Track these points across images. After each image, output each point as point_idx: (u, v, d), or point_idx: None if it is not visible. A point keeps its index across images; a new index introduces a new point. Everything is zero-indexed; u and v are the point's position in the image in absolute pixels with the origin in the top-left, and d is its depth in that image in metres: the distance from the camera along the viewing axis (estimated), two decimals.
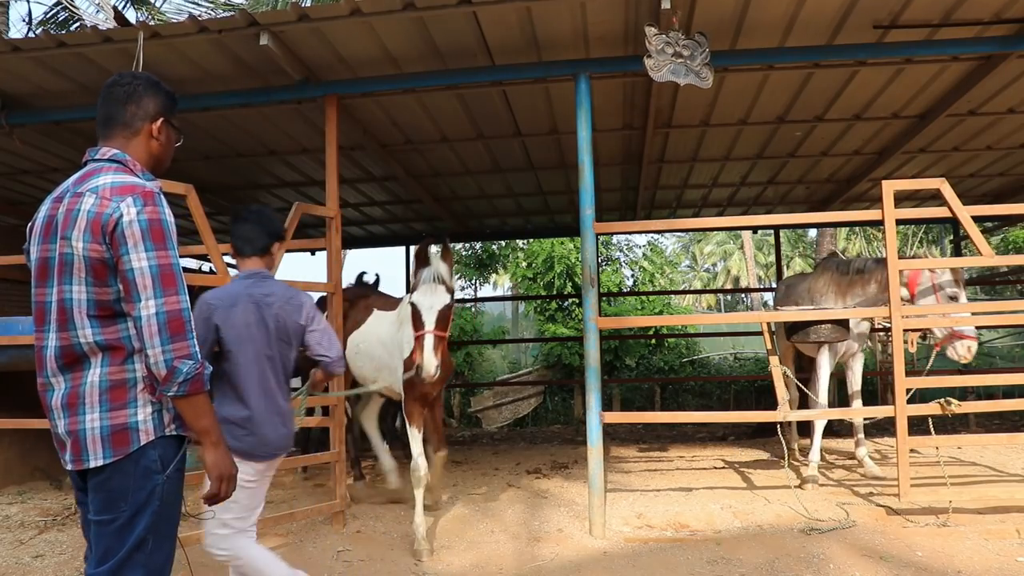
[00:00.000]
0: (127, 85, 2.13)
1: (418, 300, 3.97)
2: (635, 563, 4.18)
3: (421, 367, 3.82)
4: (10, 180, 7.98)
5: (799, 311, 6.12)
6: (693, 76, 4.72)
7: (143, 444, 1.92)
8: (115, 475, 1.91)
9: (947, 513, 4.70)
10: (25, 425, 6.09)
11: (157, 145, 2.18)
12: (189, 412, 1.93)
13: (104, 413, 1.91)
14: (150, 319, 1.85)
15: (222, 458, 2.00)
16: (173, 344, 1.86)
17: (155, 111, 2.15)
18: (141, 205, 1.91)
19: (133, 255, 1.87)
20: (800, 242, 32.26)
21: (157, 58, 4.94)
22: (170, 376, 1.86)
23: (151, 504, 1.91)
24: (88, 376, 1.93)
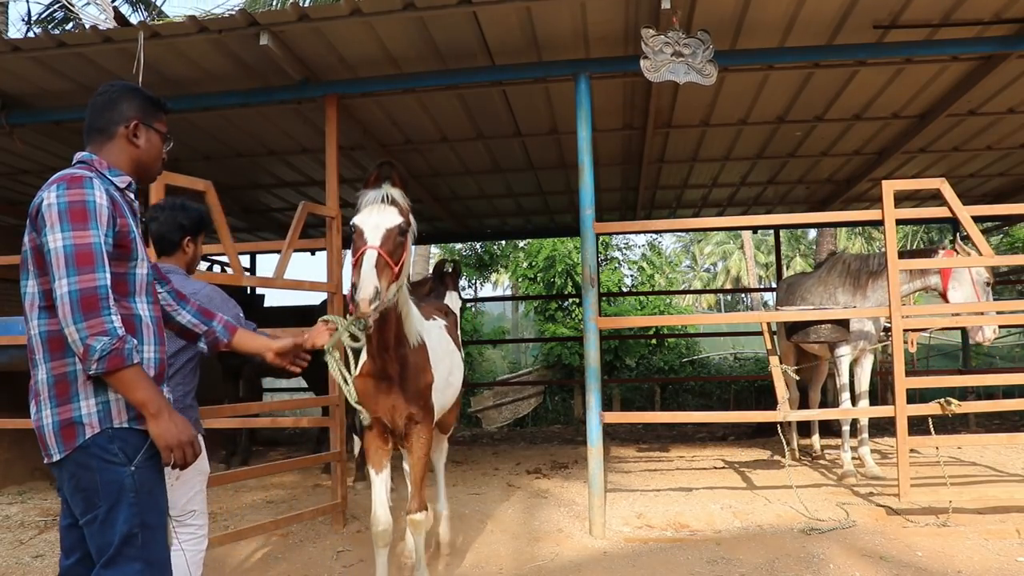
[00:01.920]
0: (104, 94, 2.16)
1: (359, 219, 3.06)
2: (635, 563, 4.18)
3: (356, 287, 2.79)
4: (10, 180, 7.98)
5: (799, 311, 6.12)
6: (695, 74, 4.72)
7: (89, 436, 1.90)
8: (80, 472, 1.91)
9: (947, 513, 4.70)
10: (25, 425, 6.09)
11: (136, 149, 2.17)
12: (119, 388, 1.89)
13: (54, 408, 1.93)
14: (63, 298, 1.82)
15: (166, 426, 1.92)
16: (87, 321, 1.81)
17: (130, 115, 2.15)
18: (64, 188, 1.89)
19: (50, 236, 1.86)
20: (800, 242, 32.28)
21: (157, 58, 4.95)
22: (86, 354, 1.82)
23: (125, 496, 1.90)
24: (40, 372, 1.98)
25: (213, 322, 2.50)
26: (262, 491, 6.46)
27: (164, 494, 2.04)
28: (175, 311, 2.43)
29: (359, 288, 2.76)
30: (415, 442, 3.49)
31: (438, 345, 3.73)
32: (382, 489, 3.49)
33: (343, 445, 5.05)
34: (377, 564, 3.49)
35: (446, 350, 3.91)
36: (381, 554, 3.49)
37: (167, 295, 2.42)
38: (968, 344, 11.45)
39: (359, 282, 2.78)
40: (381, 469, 3.49)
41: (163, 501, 2.03)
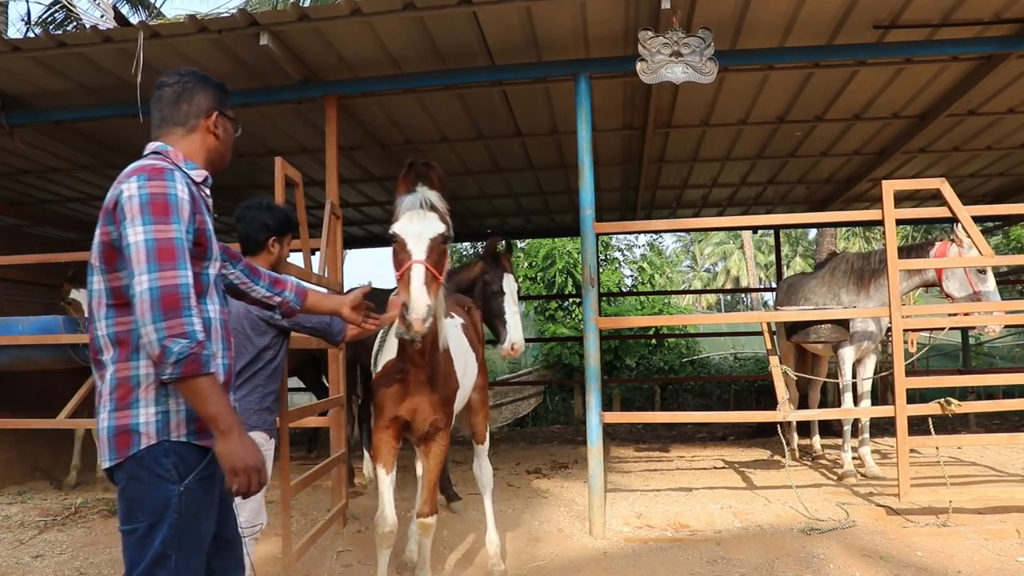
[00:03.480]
0: (175, 84, 2.05)
1: (400, 228, 2.88)
2: (635, 563, 4.18)
3: (408, 306, 2.68)
4: (10, 180, 7.97)
5: (799, 311, 6.12)
6: (694, 72, 4.72)
7: (144, 447, 1.80)
8: (129, 483, 1.83)
9: (947, 513, 4.70)
10: (25, 425, 6.11)
11: (215, 140, 2.08)
12: (190, 397, 1.76)
13: (112, 413, 1.82)
14: (142, 295, 1.71)
15: (234, 448, 1.77)
16: (166, 321, 1.69)
17: (208, 106, 2.06)
18: (145, 180, 1.81)
19: (130, 230, 1.75)
20: (800, 242, 32.29)
21: (157, 58, 4.94)
22: (161, 356, 1.69)
23: (167, 516, 1.80)
24: (106, 373, 1.85)
25: (285, 291, 2.49)
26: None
27: (210, 520, 1.93)
28: (250, 287, 2.41)
29: (412, 308, 2.69)
30: (434, 447, 3.43)
31: (456, 346, 3.67)
32: (390, 490, 3.44)
33: (346, 446, 5.04)
34: (379, 564, 3.47)
35: (461, 350, 3.85)
36: (384, 555, 3.45)
37: (240, 272, 2.38)
38: (968, 344, 11.46)
39: (411, 302, 2.70)
40: (391, 469, 3.42)
41: (206, 528, 1.92)
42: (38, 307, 7.36)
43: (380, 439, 3.39)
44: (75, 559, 4.52)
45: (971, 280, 5.53)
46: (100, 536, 4.98)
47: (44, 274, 7.33)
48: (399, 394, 3.28)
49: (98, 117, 5.94)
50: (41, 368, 6.39)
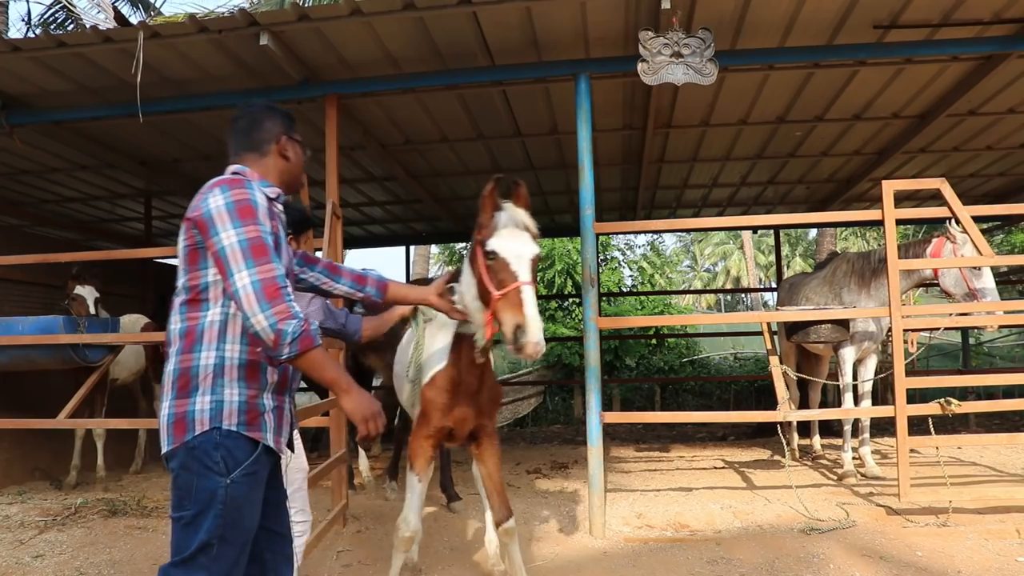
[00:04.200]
0: (245, 117, 2.29)
1: (501, 246, 2.79)
2: (635, 563, 4.18)
3: (524, 329, 2.58)
4: (10, 180, 7.98)
5: (799, 311, 6.12)
6: (694, 73, 4.72)
7: (199, 433, 1.91)
8: (181, 472, 1.94)
9: (947, 513, 4.70)
10: (25, 425, 6.11)
11: (285, 162, 2.28)
12: (309, 368, 1.94)
13: (172, 401, 1.96)
14: (246, 289, 1.88)
15: (358, 400, 2.01)
16: (273, 308, 1.87)
17: (277, 131, 2.27)
18: (228, 189, 2.00)
19: (223, 234, 1.93)
20: (800, 242, 32.28)
21: (157, 58, 4.95)
22: (279, 339, 1.87)
23: (213, 507, 1.89)
24: (169, 365, 2.00)
25: (367, 287, 2.68)
26: None
27: (254, 514, 2.02)
28: (331, 286, 2.61)
29: (529, 331, 2.59)
30: (489, 452, 3.46)
31: None
32: (421, 496, 3.42)
33: (346, 446, 5.04)
34: (393, 567, 3.48)
35: None
36: (400, 558, 3.49)
37: (320, 274, 2.58)
38: (968, 344, 11.46)
39: (528, 325, 2.60)
40: (425, 475, 3.40)
41: (250, 521, 2.00)
42: (38, 307, 7.36)
43: (422, 447, 3.33)
44: (75, 559, 4.52)
45: (966, 277, 5.53)
46: (100, 536, 4.98)
47: (44, 274, 7.32)
48: (449, 404, 3.25)
49: (98, 117, 5.94)
50: (41, 368, 6.39)
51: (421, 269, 18.17)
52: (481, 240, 2.84)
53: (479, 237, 2.87)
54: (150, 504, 5.88)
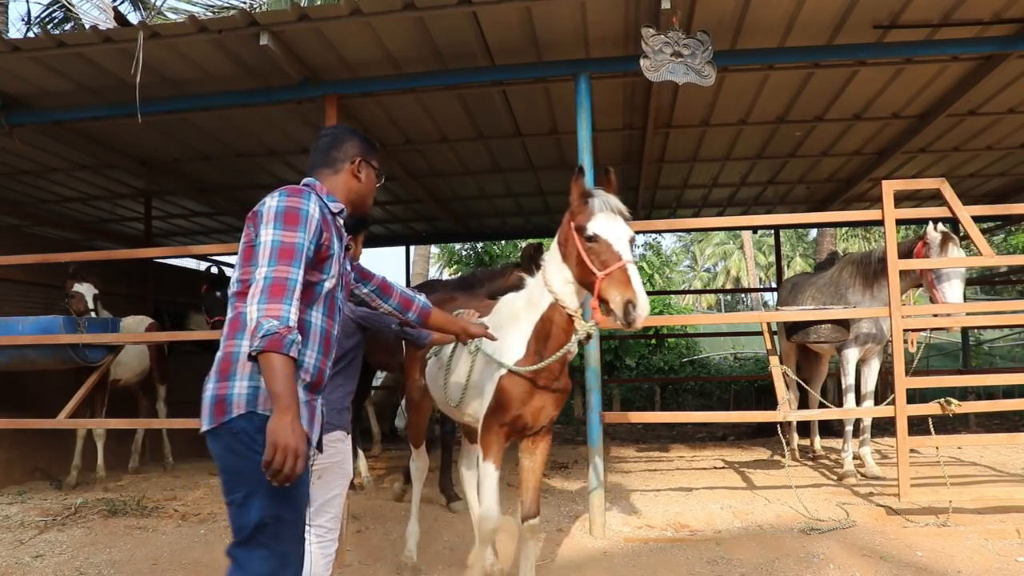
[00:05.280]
0: (328, 136, 2.45)
1: (602, 229, 2.94)
2: (635, 563, 4.18)
3: (634, 303, 2.74)
4: (10, 180, 7.98)
5: (799, 311, 6.12)
6: (694, 74, 4.72)
7: (236, 415, 2.00)
8: (226, 455, 2.03)
9: (947, 513, 4.70)
10: (25, 425, 6.11)
11: (357, 183, 2.42)
12: (264, 371, 1.93)
13: (215, 383, 2.06)
14: (258, 282, 2.00)
15: (284, 426, 1.89)
16: (268, 304, 1.95)
17: (354, 153, 2.41)
18: (285, 195, 2.12)
19: (263, 231, 2.07)
20: (800, 242, 32.28)
21: (157, 58, 4.95)
22: (255, 330, 1.93)
23: (262, 486, 1.95)
24: (218, 352, 2.13)
25: (409, 312, 2.86)
26: None
27: (304, 491, 2.12)
28: (379, 304, 2.81)
29: (641, 305, 2.75)
30: (543, 446, 3.53)
31: None
32: (498, 487, 3.43)
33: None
34: (478, 559, 3.53)
35: None
36: (487, 549, 3.51)
37: (372, 291, 2.77)
38: (968, 344, 11.46)
39: (639, 300, 2.75)
40: (499, 467, 3.42)
41: (300, 497, 2.10)
42: (38, 307, 7.36)
43: (496, 437, 3.35)
44: (75, 559, 4.52)
45: (931, 282, 5.55)
46: (100, 536, 4.98)
47: (44, 274, 7.32)
48: (528, 394, 3.26)
49: (98, 117, 5.94)
50: (41, 368, 6.39)
51: (421, 269, 18.16)
52: (579, 226, 2.99)
53: (575, 223, 3.02)
54: (150, 504, 5.88)
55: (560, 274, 3.10)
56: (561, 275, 3.10)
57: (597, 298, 2.87)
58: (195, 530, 5.10)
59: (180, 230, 10.73)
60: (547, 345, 3.18)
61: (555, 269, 3.12)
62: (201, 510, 5.71)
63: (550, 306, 3.14)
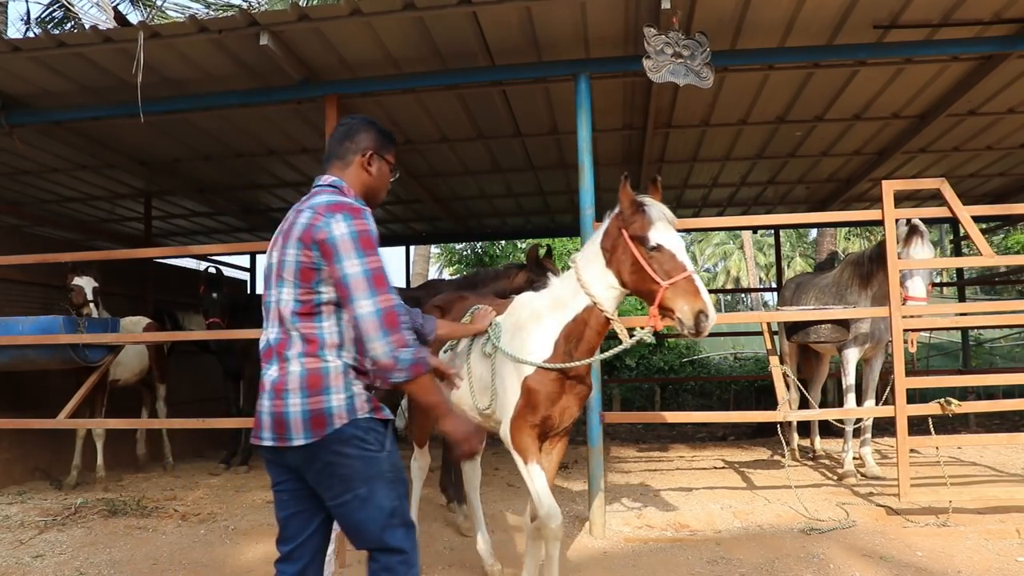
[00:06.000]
0: (344, 125, 2.44)
1: (665, 239, 2.98)
2: (635, 563, 4.18)
3: (706, 314, 2.84)
4: (10, 180, 7.98)
5: (799, 311, 6.12)
6: (693, 76, 4.72)
7: (339, 426, 2.13)
8: (337, 459, 2.14)
9: (947, 513, 4.70)
10: (25, 425, 6.11)
11: (368, 176, 2.40)
12: (417, 392, 2.17)
13: (304, 399, 2.13)
14: (369, 316, 2.08)
15: (457, 424, 2.25)
16: (392, 337, 2.07)
17: (366, 145, 2.39)
18: (350, 219, 2.15)
19: (347, 263, 2.11)
20: (800, 242, 32.27)
21: (157, 58, 4.94)
22: (394, 365, 2.08)
23: (383, 476, 2.17)
24: (291, 366, 2.17)
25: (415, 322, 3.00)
26: (262, 491, 6.46)
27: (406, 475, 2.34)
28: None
29: (711, 315, 2.87)
30: (560, 447, 3.56)
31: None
32: (547, 482, 3.42)
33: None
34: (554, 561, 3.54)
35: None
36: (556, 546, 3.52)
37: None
38: (968, 344, 11.46)
39: (709, 310, 2.87)
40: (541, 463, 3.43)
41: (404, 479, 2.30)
42: (38, 307, 7.36)
43: (530, 438, 3.36)
44: (75, 559, 4.52)
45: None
46: (100, 536, 4.98)
47: (44, 274, 7.32)
48: (558, 393, 3.28)
49: (98, 117, 5.94)
50: (41, 368, 6.39)
51: (421, 269, 18.16)
52: (638, 235, 3.00)
53: (629, 232, 3.02)
54: (150, 504, 5.88)
55: (603, 279, 3.12)
56: (604, 280, 3.12)
57: (659, 307, 2.94)
58: (195, 530, 5.11)
59: (180, 230, 10.73)
60: (578, 346, 3.19)
61: (596, 274, 3.13)
62: (201, 510, 5.71)
63: (586, 308, 3.16)
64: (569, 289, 3.23)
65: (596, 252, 3.17)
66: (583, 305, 3.17)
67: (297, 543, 2.28)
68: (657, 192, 3.13)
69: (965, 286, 11.32)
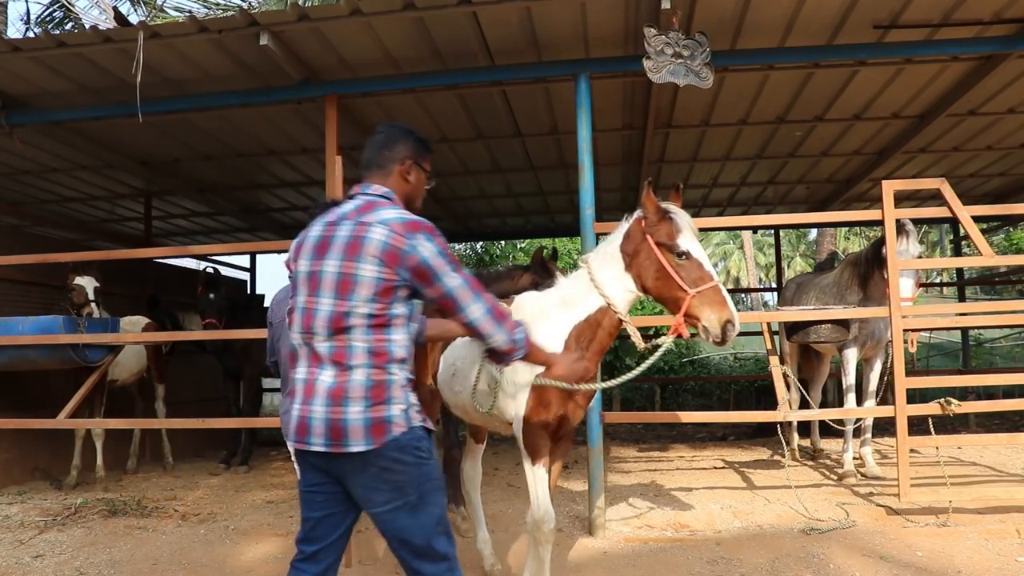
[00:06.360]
0: (383, 133, 2.50)
1: (693, 247, 3.04)
2: (635, 563, 4.18)
3: (733, 323, 2.92)
4: (10, 180, 7.98)
5: (798, 311, 6.12)
6: (693, 76, 4.73)
7: (398, 434, 2.20)
8: (394, 465, 2.21)
9: (947, 513, 4.70)
10: (25, 425, 6.11)
11: (407, 185, 2.48)
12: (531, 357, 2.48)
13: (367, 407, 2.19)
14: (483, 316, 2.31)
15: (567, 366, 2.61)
16: (505, 325, 2.33)
17: (404, 154, 2.46)
18: (431, 239, 2.27)
19: (447, 279, 2.28)
20: (800, 242, 32.27)
21: (157, 58, 4.95)
22: (514, 347, 2.36)
23: (435, 486, 2.28)
24: (354, 375, 2.22)
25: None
26: (262, 491, 6.46)
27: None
28: None
29: (736, 325, 2.96)
30: (563, 448, 3.52)
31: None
32: (548, 484, 3.35)
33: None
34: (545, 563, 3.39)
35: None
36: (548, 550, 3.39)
37: None
38: (968, 344, 11.46)
39: (735, 319, 2.96)
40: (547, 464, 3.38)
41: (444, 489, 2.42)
42: (38, 307, 7.36)
43: (542, 439, 3.30)
44: (75, 559, 4.52)
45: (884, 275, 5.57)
46: (100, 536, 4.98)
47: (44, 274, 7.33)
48: (569, 392, 3.26)
49: (98, 117, 5.94)
50: (41, 368, 6.39)
51: None
52: (666, 242, 3.04)
53: (655, 238, 3.06)
54: (150, 504, 5.88)
55: (621, 282, 3.15)
56: (621, 284, 3.16)
57: (684, 314, 2.99)
58: (195, 530, 5.11)
59: (180, 230, 10.73)
60: (590, 347, 3.21)
61: (613, 276, 3.16)
62: (201, 510, 5.71)
63: (599, 309, 3.17)
64: (580, 289, 3.23)
65: (614, 254, 3.18)
66: (596, 306, 3.18)
67: (324, 544, 2.32)
68: (679, 198, 3.15)
69: (965, 286, 11.34)
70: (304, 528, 2.33)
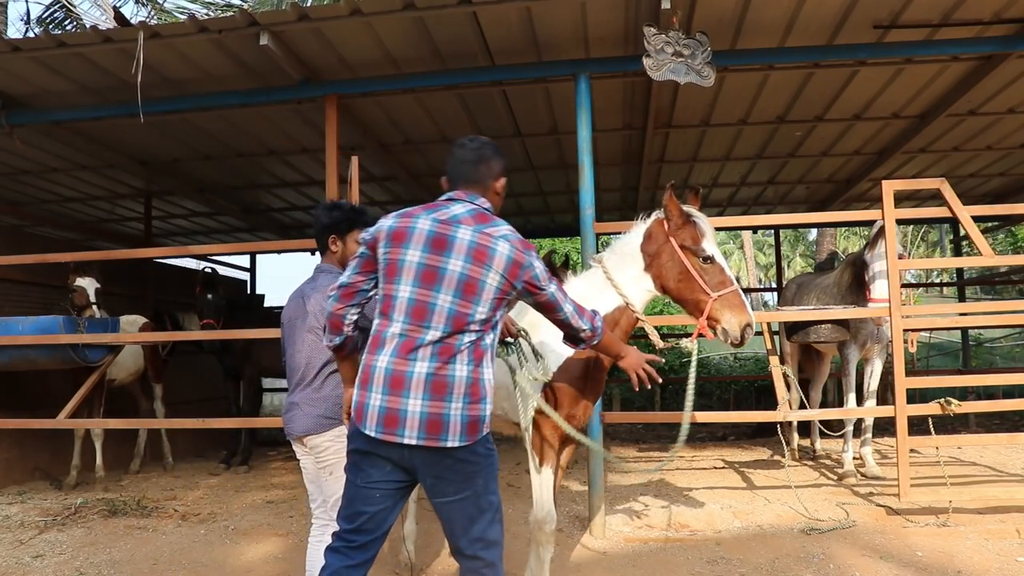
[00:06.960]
0: (476, 150, 2.57)
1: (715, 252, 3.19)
2: (635, 563, 4.18)
3: (751, 327, 3.04)
4: (10, 180, 7.98)
5: (798, 311, 6.12)
6: (694, 75, 4.72)
7: (484, 432, 2.36)
8: (473, 458, 2.33)
9: (947, 513, 4.70)
10: (25, 425, 6.11)
11: (497, 199, 2.61)
12: (605, 346, 2.79)
13: (466, 404, 2.30)
14: (571, 313, 2.59)
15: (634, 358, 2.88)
16: (585, 317, 2.63)
17: (498, 171, 2.58)
18: (537, 256, 2.48)
19: (548, 289, 2.50)
20: (800, 242, 32.26)
21: (157, 58, 4.95)
22: (595, 333, 2.66)
23: (495, 475, 2.43)
24: (456, 370, 2.31)
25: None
26: (262, 491, 6.46)
27: None
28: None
29: (753, 328, 3.09)
30: (569, 450, 3.55)
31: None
32: (553, 486, 3.35)
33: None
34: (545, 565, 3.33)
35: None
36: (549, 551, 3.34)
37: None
38: (968, 344, 11.46)
39: (752, 322, 3.09)
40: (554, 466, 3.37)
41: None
42: (38, 307, 7.36)
43: (552, 440, 3.28)
44: (75, 559, 4.52)
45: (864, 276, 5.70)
46: (100, 536, 4.98)
47: (44, 274, 7.33)
48: (580, 391, 3.30)
49: (98, 117, 5.95)
50: (41, 368, 6.38)
51: None
52: (690, 245, 3.16)
53: (678, 240, 3.18)
54: (150, 504, 5.88)
55: (639, 282, 3.21)
56: (640, 283, 3.21)
57: (707, 317, 3.05)
58: (195, 530, 5.11)
59: (180, 230, 10.73)
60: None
61: (632, 275, 3.20)
62: (201, 510, 5.71)
63: (617, 308, 3.21)
64: (595, 289, 3.23)
65: (634, 254, 3.21)
66: (614, 305, 3.19)
67: (376, 535, 2.40)
68: (697, 201, 3.24)
69: (965, 286, 11.35)
70: (355, 520, 2.37)
